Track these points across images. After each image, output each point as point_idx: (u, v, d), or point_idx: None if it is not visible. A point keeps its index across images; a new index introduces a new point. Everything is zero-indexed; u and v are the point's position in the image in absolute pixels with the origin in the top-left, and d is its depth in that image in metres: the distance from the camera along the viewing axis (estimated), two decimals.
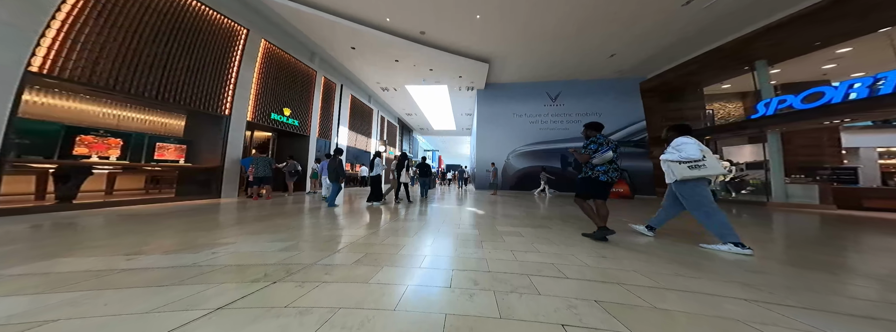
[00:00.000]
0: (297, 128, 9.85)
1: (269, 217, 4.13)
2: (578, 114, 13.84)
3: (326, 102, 11.82)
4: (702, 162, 2.60)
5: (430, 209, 5.86)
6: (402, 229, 3.60)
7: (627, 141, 12.70)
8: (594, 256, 2.35)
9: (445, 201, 7.90)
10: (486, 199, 9.02)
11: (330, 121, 12.05)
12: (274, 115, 8.73)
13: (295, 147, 10.22)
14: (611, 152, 2.82)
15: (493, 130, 15.04)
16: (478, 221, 4.41)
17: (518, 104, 14.86)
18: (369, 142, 16.53)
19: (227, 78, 6.94)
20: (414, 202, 6.99)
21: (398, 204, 6.41)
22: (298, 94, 9.97)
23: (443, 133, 26.64)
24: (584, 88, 13.84)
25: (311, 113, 10.61)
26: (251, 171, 6.78)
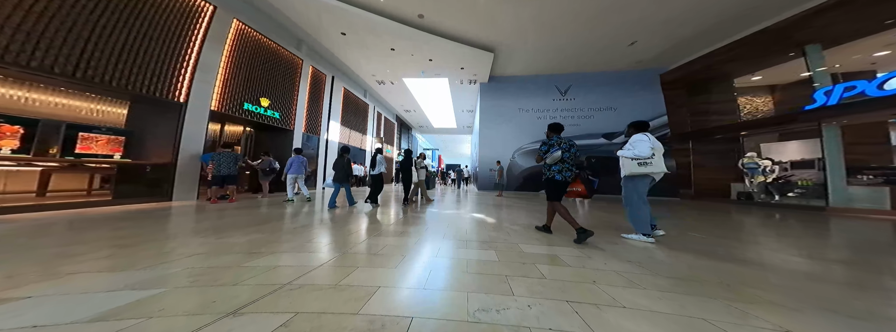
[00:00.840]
0: (279, 121, 8.66)
1: (212, 230, 2.93)
2: (591, 108, 12.56)
3: (315, 94, 10.63)
4: (649, 160, 2.70)
5: (427, 216, 4.64)
6: (388, 249, 2.38)
7: None
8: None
9: (445, 204, 6.68)
10: (491, 201, 7.77)
11: (319, 115, 10.85)
12: (248, 105, 7.53)
13: (277, 143, 9.03)
14: (560, 152, 2.83)
15: (497, 126, 13.79)
16: (490, 235, 3.17)
17: (524, 98, 13.61)
18: (364, 139, 15.34)
19: (181, 59, 5.75)
20: (433, 202, 6.59)
21: (409, 205, 5.92)
22: (280, 84, 8.78)
23: (443, 131, 25.40)
24: (597, 81, 12.56)
25: (295, 105, 9.42)
26: (210, 168, 5.58)
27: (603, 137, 12.04)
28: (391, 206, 5.93)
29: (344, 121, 13.13)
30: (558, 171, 2.91)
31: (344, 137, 13.12)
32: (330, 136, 11.61)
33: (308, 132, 10.15)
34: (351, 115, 13.91)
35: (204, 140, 6.14)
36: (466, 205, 6.61)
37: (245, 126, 8.62)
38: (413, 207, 5.76)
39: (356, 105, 14.48)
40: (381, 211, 5.01)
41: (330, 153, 11.52)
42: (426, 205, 6.11)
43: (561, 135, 3.16)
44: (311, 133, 10.41)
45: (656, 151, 2.78)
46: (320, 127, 10.87)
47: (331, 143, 11.67)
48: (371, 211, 4.95)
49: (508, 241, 2.84)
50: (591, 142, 12.16)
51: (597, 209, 6.29)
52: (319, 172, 10.80)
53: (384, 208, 5.52)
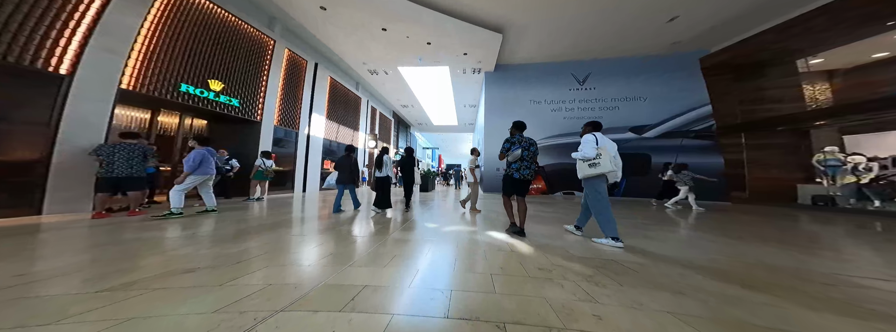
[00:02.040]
0: (239, 110, 6.87)
1: None
2: (615, 99, 10.59)
3: (292, 82, 8.83)
4: (596, 160, 2.64)
5: (427, 234, 3.14)
6: None
7: (686, 132, 9.40)
8: None
9: (444, 212, 4.82)
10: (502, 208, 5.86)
11: (297, 106, 9.06)
12: (188, 87, 5.74)
13: (240, 137, 7.25)
14: (520, 150, 2.84)
15: (505, 120, 11.86)
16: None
17: (536, 89, 11.69)
18: (356, 136, 13.54)
19: (65, 17, 3.98)
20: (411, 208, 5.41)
21: (409, 211, 5.04)
22: (242, 66, 6.98)
23: (443, 130, 23.53)
24: (622, 68, 10.59)
25: (263, 93, 7.62)
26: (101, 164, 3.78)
27: (631, 131, 10.07)
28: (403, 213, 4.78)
29: (331, 115, 11.33)
30: (516, 169, 2.87)
31: (331, 132, 11.31)
32: (313, 131, 9.81)
33: (283, 126, 8.35)
34: (340, 108, 12.11)
35: (107, 129, 4.34)
36: (477, 215, 4.72)
37: (189, 115, 6.72)
38: (466, 211, 5.04)
39: (346, 98, 12.68)
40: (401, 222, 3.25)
41: (313, 151, 9.73)
42: (472, 212, 5.09)
43: (523, 133, 3.10)
44: (288, 127, 8.61)
45: (602, 150, 2.66)
46: (299, 120, 9.07)
47: (314, 139, 9.87)
48: (387, 220, 3.98)
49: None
50: (617, 136, 10.17)
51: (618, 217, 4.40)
52: (298, 171, 8.99)
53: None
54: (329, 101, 11.12)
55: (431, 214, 4.88)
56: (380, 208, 4.65)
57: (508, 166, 2.97)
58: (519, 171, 2.88)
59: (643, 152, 9.68)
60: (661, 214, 5.49)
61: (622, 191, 9.81)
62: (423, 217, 4.43)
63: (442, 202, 7.02)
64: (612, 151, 2.70)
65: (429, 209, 5.50)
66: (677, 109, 9.56)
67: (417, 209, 5.38)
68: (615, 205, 7.04)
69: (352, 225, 3.67)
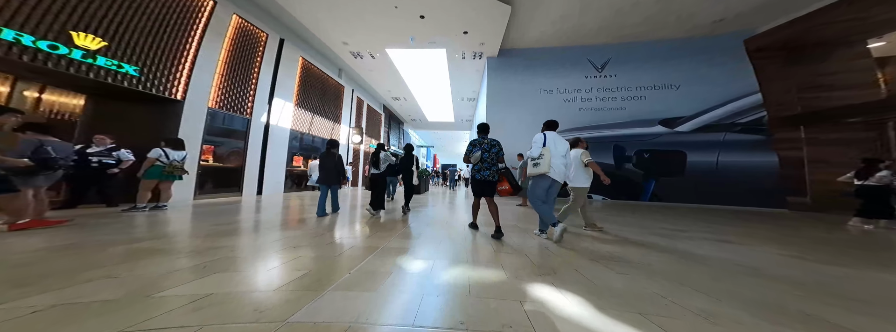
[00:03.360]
0: (138, 82, 4.73)
1: None
2: (642, 87, 8.80)
3: (242, 57, 6.72)
4: (538, 160, 2.63)
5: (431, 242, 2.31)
6: None
7: (730, 124, 7.65)
8: None
9: (448, 222, 2.89)
10: (525, 217, 3.90)
11: (251, 87, 6.95)
12: (22, 36, 3.61)
13: (149, 119, 5.10)
14: (480, 152, 2.82)
15: (510, 111, 9.98)
16: None
17: (546, 76, 9.84)
18: (337, 129, 11.45)
19: None
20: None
21: (407, 214, 4.38)
22: (148, 24, 4.88)
23: (438, 127, 21.54)
24: (650, 52, 8.82)
25: (186, 64, 5.47)
26: None
27: (660, 125, 8.29)
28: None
29: (304, 102, 9.22)
30: (477, 170, 2.87)
31: (302, 123, 9.21)
32: (275, 119, 7.70)
33: (224, 110, 6.23)
34: (315, 96, 10.00)
35: None
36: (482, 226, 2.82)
37: (38, 83, 4.40)
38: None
39: (324, 84, 10.58)
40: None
41: (275, 144, 7.63)
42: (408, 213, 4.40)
43: (487, 135, 3.05)
44: (234, 112, 6.49)
45: (546, 152, 2.61)
46: (251, 105, 6.95)
47: (277, 130, 7.77)
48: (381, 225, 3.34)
49: None
50: (643, 131, 8.39)
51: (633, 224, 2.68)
52: (250, 168, 6.87)
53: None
54: (300, 86, 9.02)
55: (435, 219, 3.86)
56: (374, 209, 4.21)
57: (472, 167, 2.93)
58: (479, 172, 2.85)
59: (677, 149, 7.92)
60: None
61: (650, 194, 8.04)
62: (424, 222, 3.65)
63: (446, 207, 5.06)
64: (561, 151, 2.69)
65: (433, 215, 3.64)
66: (717, 99, 7.81)
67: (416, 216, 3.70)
68: (651, 213, 5.20)
69: (328, 233, 2.86)
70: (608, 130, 8.78)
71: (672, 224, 3.99)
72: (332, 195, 4.18)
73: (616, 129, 8.70)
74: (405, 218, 3.92)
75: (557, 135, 2.77)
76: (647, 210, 5.77)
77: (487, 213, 3.08)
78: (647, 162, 8.18)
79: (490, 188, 2.90)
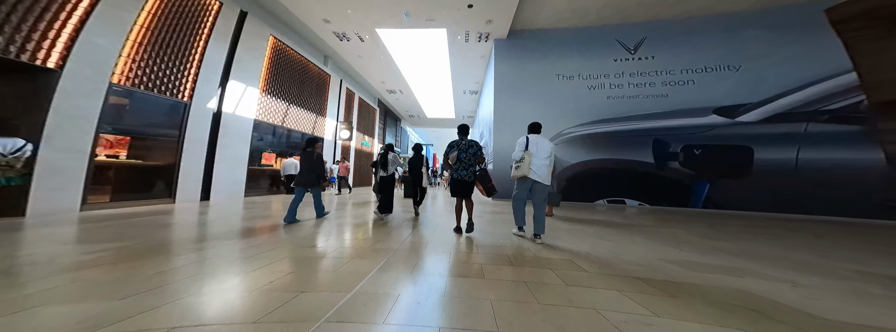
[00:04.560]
0: None
1: None
2: (688, 70, 7.01)
3: (180, 25, 5.01)
4: (518, 163, 2.63)
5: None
6: None
7: (813, 113, 5.82)
8: None
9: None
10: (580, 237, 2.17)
11: (190, 64, 5.24)
12: None
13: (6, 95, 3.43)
14: (456, 153, 2.84)
15: (522, 102, 8.26)
16: None
17: (565, 60, 8.11)
18: (321, 122, 9.75)
19: None
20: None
21: (417, 217, 3.96)
22: None
23: (438, 124, 19.79)
24: (694, 28, 7.05)
25: (62, 17, 3.81)
26: None
27: (715, 114, 6.52)
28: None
29: (274, 90, 7.53)
30: (455, 170, 2.85)
31: (273, 114, 7.51)
32: (230, 107, 6.00)
33: (144, 89, 4.52)
34: (292, 84, 8.31)
35: None
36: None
37: None
38: None
39: (302, 69, 8.89)
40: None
41: (230, 138, 5.93)
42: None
43: (467, 136, 2.99)
44: (162, 94, 4.79)
45: (527, 155, 2.59)
46: (191, 87, 5.23)
47: (232, 119, 6.07)
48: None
49: None
50: (693, 122, 6.61)
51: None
52: (190, 166, 5.16)
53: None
54: (270, 69, 7.32)
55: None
56: (382, 213, 3.86)
57: (450, 168, 2.91)
58: (457, 172, 2.83)
59: (739, 144, 6.14)
60: None
61: (703, 200, 6.26)
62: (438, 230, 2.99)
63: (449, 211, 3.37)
64: (544, 153, 2.64)
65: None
66: (793, 81, 6.01)
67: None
68: (713, 223, 3.43)
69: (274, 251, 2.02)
70: (646, 122, 7.01)
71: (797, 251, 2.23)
72: (314, 199, 3.65)
73: (656, 120, 6.93)
74: (416, 222, 3.51)
75: (541, 137, 2.75)
76: (719, 221, 4.04)
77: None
78: (698, 160, 6.40)
79: (467, 188, 2.85)
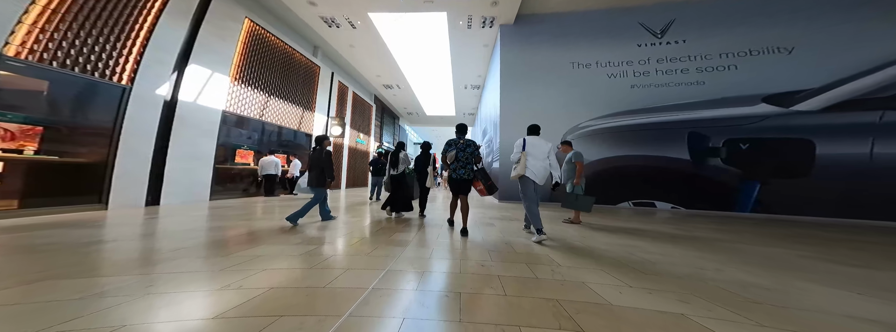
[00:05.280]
0: None
1: None
2: (728, 54, 5.95)
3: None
4: (516, 165, 2.69)
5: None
6: None
7: (890, 99, 4.73)
8: None
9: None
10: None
11: (128, 40, 4.25)
12: None
13: None
14: (454, 152, 2.84)
15: (531, 93, 7.27)
16: None
17: (581, 46, 7.10)
18: (309, 118, 8.75)
19: None
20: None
21: (423, 218, 3.76)
22: None
23: (438, 121, 18.77)
24: (733, 7, 6.02)
25: None
26: None
27: (765, 103, 5.47)
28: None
29: (250, 79, 6.55)
30: (453, 169, 2.86)
31: (248, 106, 6.53)
32: (190, 94, 5.01)
33: (63, 67, 3.53)
34: (274, 73, 7.33)
35: None
36: None
37: None
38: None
39: (287, 60, 7.91)
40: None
41: (188, 131, 4.94)
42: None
43: (466, 135, 3.00)
44: (90, 74, 3.79)
45: (524, 156, 2.66)
46: (132, 68, 4.23)
47: (193, 109, 5.08)
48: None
49: None
50: (738, 112, 5.56)
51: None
52: (126, 160, 4.16)
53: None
54: (245, 56, 6.35)
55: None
56: (392, 211, 3.82)
57: (449, 167, 2.92)
58: (455, 171, 2.84)
59: (796, 136, 5.09)
60: None
61: (753, 203, 5.22)
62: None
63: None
64: (541, 153, 2.69)
65: None
66: (862, 63, 4.95)
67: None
68: (814, 236, 2.41)
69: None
70: (678, 113, 5.98)
71: None
72: (320, 202, 3.34)
73: (691, 110, 5.89)
74: (422, 224, 3.27)
75: (539, 139, 2.77)
76: (804, 232, 3.01)
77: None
78: (745, 156, 5.36)
79: (465, 186, 2.86)
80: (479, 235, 2.78)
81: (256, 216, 3.61)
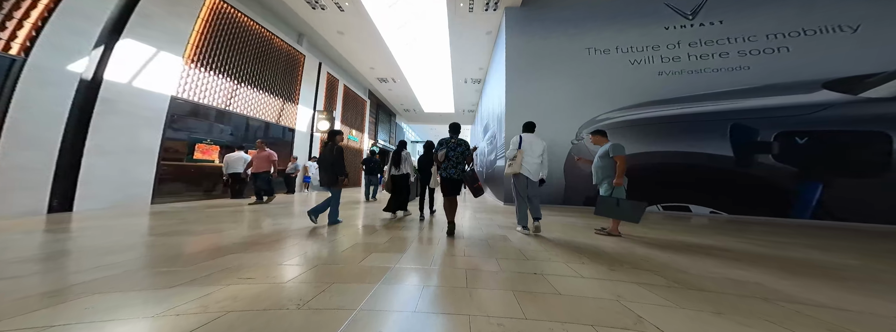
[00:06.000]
0: None
1: None
2: (775, 34, 4.94)
3: None
4: (511, 161, 2.70)
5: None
6: None
7: None
8: None
9: None
10: None
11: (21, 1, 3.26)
12: None
13: None
14: (444, 151, 2.73)
15: (539, 83, 6.30)
16: None
17: (598, 30, 6.15)
18: (291, 110, 7.72)
19: None
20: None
21: (424, 221, 3.46)
22: None
23: (437, 119, 17.73)
24: None
25: None
26: None
27: (825, 89, 4.52)
28: None
29: (211, 62, 5.53)
30: (444, 169, 2.73)
31: (211, 93, 5.49)
32: (123, 74, 4.00)
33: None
34: (246, 58, 6.31)
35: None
36: None
37: None
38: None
39: (265, 45, 6.87)
40: None
41: (117, 116, 3.92)
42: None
43: (458, 135, 2.84)
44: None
45: (520, 154, 2.67)
46: (28, 35, 3.23)
47: (133, 93, 4.05)
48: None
49: None
50: (792, 100, 4.61)
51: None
52: (8, 154, 3.14)
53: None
54: (207, 35, 5.32)
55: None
56: (393, 211, 3.67)
57: (440, 166, 2.82)
58: (445, 170, 2.72)
59: (866, 129, 4.14)
60: None
61: (815, 206, 4.25)
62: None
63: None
64: (537, 151, 2.71)
65: None
66: None
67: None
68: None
69: None
70: (717, 102, 5.01)
71: None
72: (332, 201, 3.03)
73: (733, 99, 4.92)
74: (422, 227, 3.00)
75: (534, 136, 2.78)
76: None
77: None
78: (803, 152, 4.40)
79: (455, 186, 2.76)
80: (494, 264, 1.77)
81: (192, 229, 2.58)
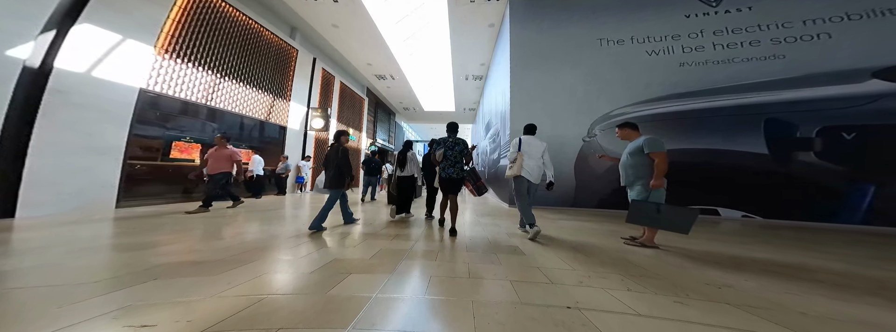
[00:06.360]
0: None
1: None
2: (814, 20, 4.40)
3: None
4: (512, 164, 2.69)
5: None
6: None
7: None
8: None
9: None
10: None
11: None
12: None
13: None
14: (442, 150, 2.71)
15: (546, 77, 5.80)
16: None
17: (611, 20, 5.62)
18: (282, 106, 7.23)
19: None
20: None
21: (430, 220, 3.40)
22: None
23: (437, 118, 17.18)
24: None
25: None
26: None
27: (876, 78, 3.99)
28: None
29: (188, 51, 5.04)
30: (443, 168, 2.74)
31: (188, 86, 5.01)
32: (84, 65, 3.53)
33: None
34: (231, 51, 5.81)
35: None
36: None
37: None
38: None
39: (252, 37, 6.39)
40: None
41: (78, 112, 3.45)
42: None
43: (456, 134, 2.82)
44: None
45: (520, 156, 2.64)
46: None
47: (93, 84, 3.58)
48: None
49: None
50: (836, 91, 4.06)
51: None
52: None
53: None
54: (183, 23, 4.83)
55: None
56: (397, 213, 3.61)
57: (438, 166, 2.82)
58: (444, 170, 2.73)
59: None
60: None
61: (866, 212, 3.72)
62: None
63: None
64: (536, 153, 2.68)
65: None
66: None
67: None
68: None
69: None
70: (748, 95, 4.49)
71: None
72: (340, 202, 2.91)
73: (768, 91, 4.39)
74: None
75: (534, 139, 2.76)
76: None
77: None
78: (852, 149, 3.87)
79: (454, 186, 2.72)
80: (509, 291, 1.26)
81: (122, 242, 2.08)
